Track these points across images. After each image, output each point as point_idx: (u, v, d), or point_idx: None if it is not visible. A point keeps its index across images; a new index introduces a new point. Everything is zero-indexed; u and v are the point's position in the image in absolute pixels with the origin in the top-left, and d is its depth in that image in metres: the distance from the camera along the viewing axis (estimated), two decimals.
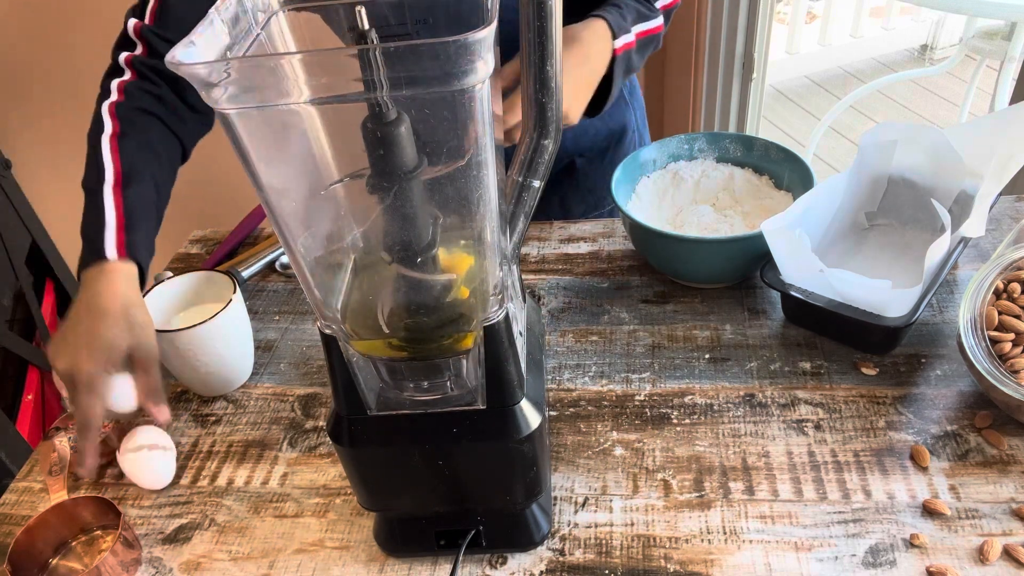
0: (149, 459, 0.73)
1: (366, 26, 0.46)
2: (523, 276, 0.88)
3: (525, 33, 0.53)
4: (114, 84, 0.86)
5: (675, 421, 0.75)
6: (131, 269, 0.76)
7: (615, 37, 0.85)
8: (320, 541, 0.69)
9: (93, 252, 0.76)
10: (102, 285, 0.74)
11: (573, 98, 0.81)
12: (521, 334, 0.62)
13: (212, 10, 0.47)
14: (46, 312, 1.61)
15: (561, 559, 0.65)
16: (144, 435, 0.76)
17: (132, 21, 0.87)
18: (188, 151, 0.90)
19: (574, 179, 1.11)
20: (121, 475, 0.76)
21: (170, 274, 0.87)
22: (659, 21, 0.90)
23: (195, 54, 0.43)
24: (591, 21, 0.84)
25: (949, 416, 0.72)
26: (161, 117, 0.85)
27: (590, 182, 1.11)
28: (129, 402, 0.72)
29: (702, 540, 0.64)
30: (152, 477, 0.74)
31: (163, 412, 0.73)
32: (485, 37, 0.40)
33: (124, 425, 0.79)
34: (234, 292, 0.81)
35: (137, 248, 0.78)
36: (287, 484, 0.74)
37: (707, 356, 0.81)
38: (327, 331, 0.54)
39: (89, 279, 0.75)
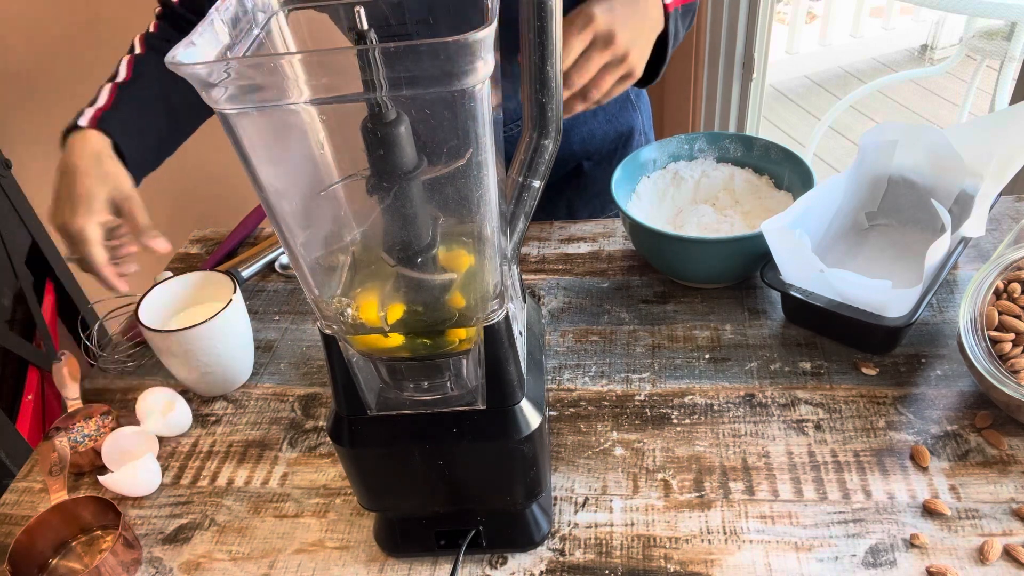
0: (133, 471, 0.73)
1: (365, 26, 0.46)
2: (523, 276, 0.88)
3: (525, 33, 0.53)
4: (136, 39, 0.93)
5: (675, 421, 0.75)
6: (101, 136, 0.82)
7: None
8: (320, 541, 0.69)
9: (72, 125, 0.83)
10: (74, 146, 0.81)
11: (639, 53, 0.77)
12: (521, 334, 0.62)
13: (212, 10, 0.47)
14: (46, 312, 1.60)
15: (561, 559, 0.65)
16: (122, 443, 0.77)
17: None
18: None
19: (581, 183, 1.11)
20: None
21: (170, 274, 0.87)
22: None
23: (195, 54, 0.43)
24: None
25: (949, 416, 0.72)
26: None
27: (597, 186, 1.11)
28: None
29: (702, 540, 0.64)
30: (141, 487, 0.74)
31: (159, 243, 0.79)
32: (485, 37, 0.40)
33: (103, 436, 0.79)
34: (234, 292, 0.81)
35: (109, 122, 0.83)
36: (287, 484, 0.74)
37: (707, 356, 0.81)
38: (327, 331, 0.54)
39: (66, 145, 0.82)
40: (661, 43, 0.83)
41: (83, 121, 0.83)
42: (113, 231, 0.81)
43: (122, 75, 0.89)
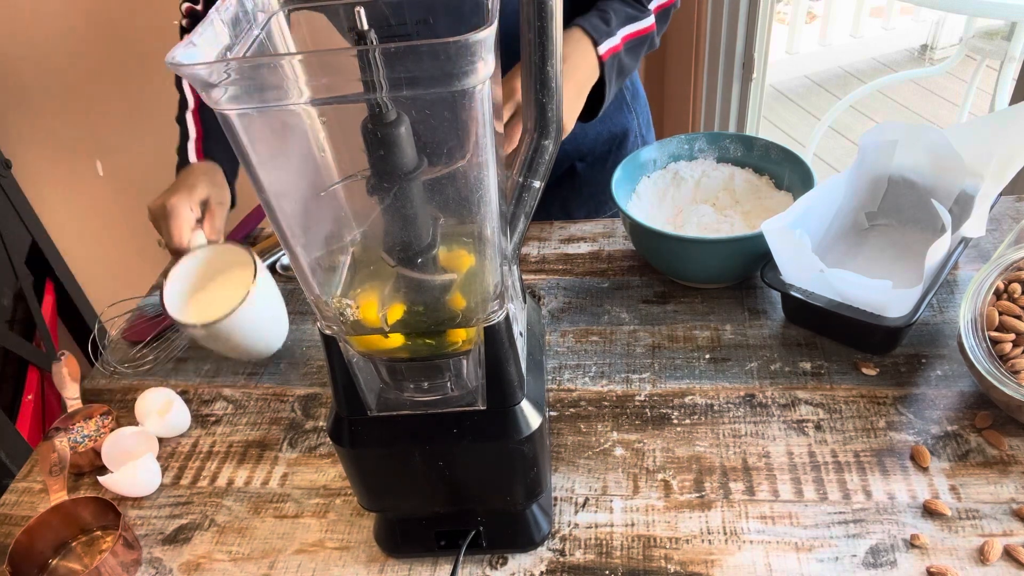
0: (132, 472, 0.73)
1: (366, 26, 0.46)
2: (523, 276, 0.88)
3: (525, 33, 0.53)
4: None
5: (675, 421, 0.75)
6: (210, 163, 0.95)
7: (597, 43, 0.86)
8: (320, 541, 0.69)
9: (183, 161, 0.96)
10: (190, 167, 0.94)
11: (564, 110, 0.81)
12: (521, 334, 0.62)
13: (212, 10, 0.47)
14: (46, 312, 1.60)
15: (561, 559, 0.65)
16: (122, 443, 0.77)
17: None
18: None
19: (575, 183, 1.11)
20: None
21: (203, 240, 0.88)
22: (649, 21, 0.91)
23: (195, 54, 0.43)
24: (568, 32, 0.85)
25: (949, 416, 0.72)
26: None
27: (591, 187, 1.11)
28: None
29: (702, 540, 0.64)
30: (141, 487, 0.74)
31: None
32: (485, 38, 0.40)
33: (102, 438, 0.79)
34: (255, 264, 0.81)
35: (211, 151, 0.97)
36: (287, 484, 0.74)
37: (707, 356, 0.81)
38: (327, 331, 0.54)
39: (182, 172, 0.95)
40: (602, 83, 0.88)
41: (192, 156, 0.96)
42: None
43: (191, 100, 0.99)
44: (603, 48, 0.86)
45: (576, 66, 0.84)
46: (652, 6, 0.92)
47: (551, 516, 0.68)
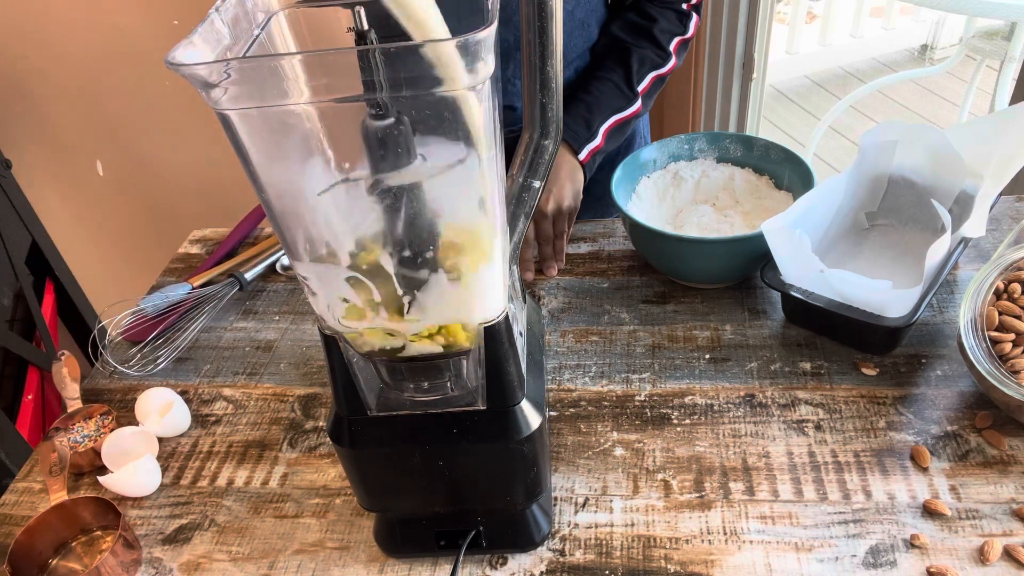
0: (132, 471, 0.73)
1: (366, 26, 0.46)
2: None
3: (525, 33, 0.53)
4: None
5: (675, 421, 0.75)
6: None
7: (578, 152, 0.94)
8: (320, 541, 0.69)
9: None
10: None
11: (555, 204, 0.92)
12: (521, 334, 0.62)
13: (212, 10, 0.47)
14: (46, 312, 1.60)
15: (561, 559, 0.65)
16: (122, 443, 0.77)
17: None
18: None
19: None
20: None
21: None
22: (637, 104, 0.97)
23: (195, 54, 0.43)
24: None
25: (949, 416, 0.72)
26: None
27: (598, 190, 1.11)
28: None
29: (702, 540, 0.64)
30: (141, 487, 0.74)
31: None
32: (485, 38, 0.40)
33: (103, 436, 0.79)
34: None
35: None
36: (287, 484, 0.74)
37: (707, 356, 0.81)
38: (327, 331, 0.54)
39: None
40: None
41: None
42: None
43: None
44: (583, 153, 0.94)
45: (558, 165, 0.93)
46: (672, 46, 0.98)
47: (551, 516, 0.68)
